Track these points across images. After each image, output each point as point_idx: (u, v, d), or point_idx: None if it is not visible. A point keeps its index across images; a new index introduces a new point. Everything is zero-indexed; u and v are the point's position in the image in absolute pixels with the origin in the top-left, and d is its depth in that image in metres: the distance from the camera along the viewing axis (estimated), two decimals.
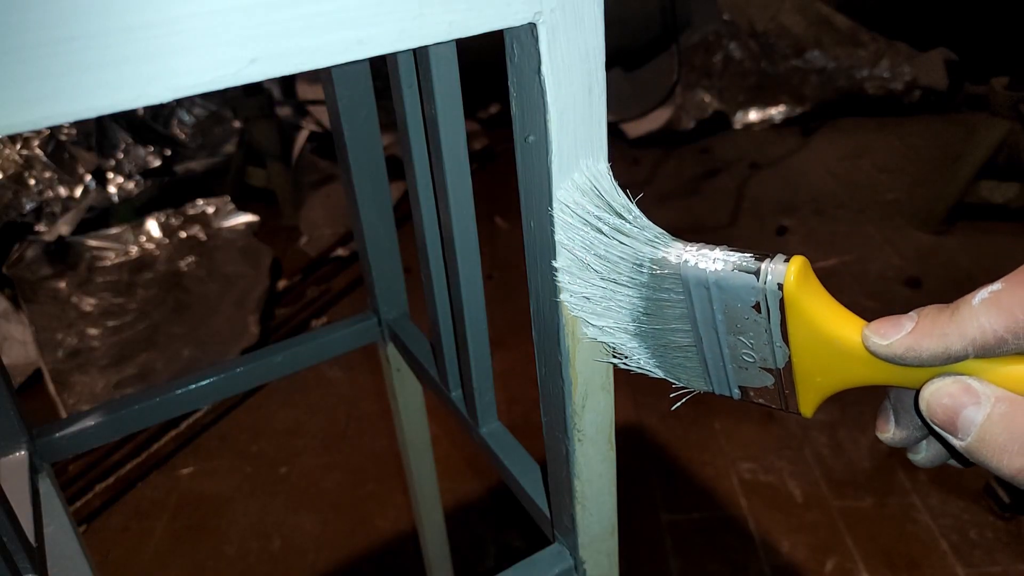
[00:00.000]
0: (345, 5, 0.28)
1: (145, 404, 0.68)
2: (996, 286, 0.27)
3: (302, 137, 2.75)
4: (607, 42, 0.34)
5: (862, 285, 1.92)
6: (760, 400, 0.36)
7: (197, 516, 1.46)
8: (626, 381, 1.68)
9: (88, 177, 2.49)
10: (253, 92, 2.49)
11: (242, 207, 2.44)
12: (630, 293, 0.36)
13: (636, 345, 0.38)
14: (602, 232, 0.35)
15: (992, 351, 0.27)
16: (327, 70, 0.64)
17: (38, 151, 2.44)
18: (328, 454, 1.58)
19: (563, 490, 0.48)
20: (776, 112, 2.88)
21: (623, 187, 0.36)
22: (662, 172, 2.66)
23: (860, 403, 1.53)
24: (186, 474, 1.56)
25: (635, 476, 1.43)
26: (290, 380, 1.76)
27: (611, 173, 0.36)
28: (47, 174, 2.44)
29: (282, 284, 2.16)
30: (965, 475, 1.35)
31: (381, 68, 0.54)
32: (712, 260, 0.33)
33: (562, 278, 0.38)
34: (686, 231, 2.23)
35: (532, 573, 0.51)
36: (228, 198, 2.46)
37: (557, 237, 0.37)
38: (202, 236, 2.36)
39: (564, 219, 0.36)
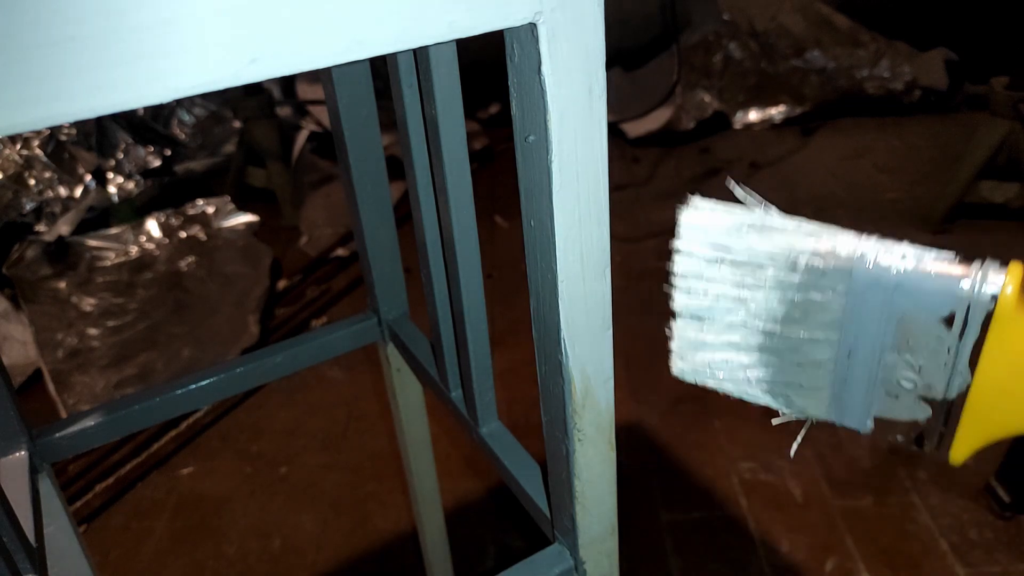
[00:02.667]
0: (345, 5, 0.28)
1: (145, 404, 0.68)
2: None
3: (302, 137, 2.75)
4: (607, 42, 0.34)
5: None
6: (897, 437, 0.31)
7: (197, 516, 1.46)
8: (626, 381, 1.68)
9: (88, 177, 2.49)
10: (253, 92, 2.49)
11: (242, 207, 2.44)
12: (769, 298, 0.31)
13: (752, 362, 0.32)
14: (747, 234, 0.31)
15: None
16: (327, 70, 0.64)
17: (38, 151, 2.44)
18: (328, 454, 1.58)
19: (563, 490, 0.48)
20: (776, 112, 2.88)
21: (623, 187, 0.36)
22: (662, 172, 2.66)
23: None
24: (186, 474, 1.56)
25: (635, 476, 1.43)
26: (290, 380, 1.76)
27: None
28: (47, 174, 2.44)
29: (282, 284, 2.16)
30: (965, 474, 1.35)
31: (381, 68, 0.54)
32: (900, 256, 0.28)
33: (679, 300, 0.33)
34: None
35: (532, 573, 0.51)
36: (228, 198, 2.46)
37: (677, 267, 0.33)
38: (202, 236, 2.36)
39: (694, 239, 0.32)
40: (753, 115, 2.90)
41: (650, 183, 2.57)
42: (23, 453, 0.62)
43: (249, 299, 2.04)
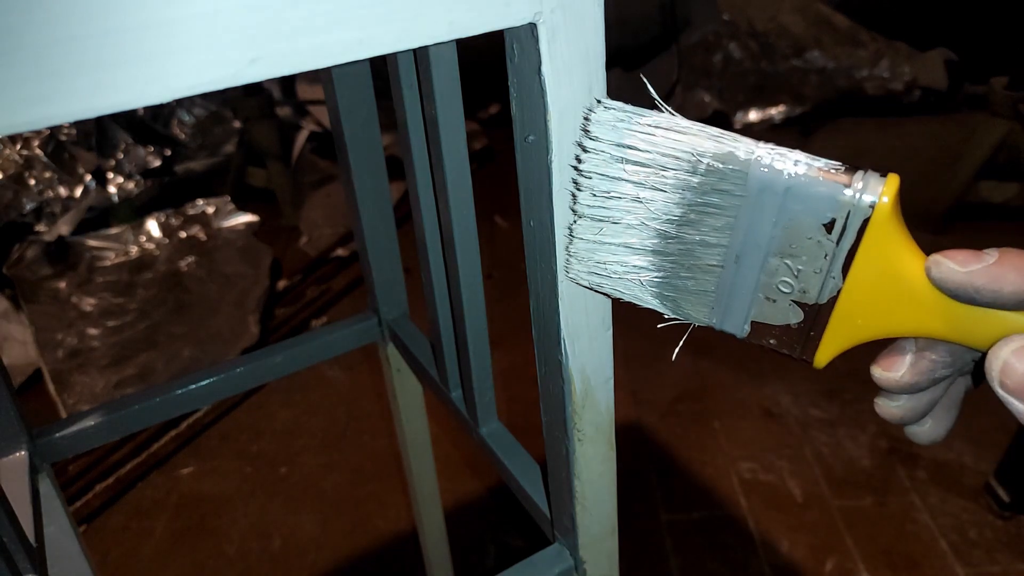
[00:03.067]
0: (345, 5, 0.28)
1: (145, 404, 0.68)
2: None
3: (302, 137, 2.75)
4: (607, 42, 0.34)
5: None
6: (770, 341, 0.32)
7: (197, 516, 1.46)
8: (626, 381, 1.68)
9: (88, 177, 2.49)
10: (253, 92, 2.49)
11: (242, 207, 2.44)
12: (668, 200, 0.31)
13: (644, 265, 0.33)
14: (653, 133, 0.31)
15: None
16: (327, 70, 0.64)
17: (38, 151, 2.44)
18: (328, 454, 1.58)
19: (563, 490, 0.48)
20: (776, 112, 2.88)
21: None
22: None
23: (860, 401, 1.53)
24: (186, 474, 1.56)
25: (635, 476, 1.43)
26: (290, 380, 1.76)
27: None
28: (47, 174, 2.44)
29: (282, 284, 2.16)
30: (964, 474, 1.35)
31: (381, 68, 0.54)
32: (793, 162, 0.29)
33: (582, 197, 0.33)
34: None
35: (532, 573, 0.51)
36: (228, 198, 2.46)
37: (582, 163, 0.33)
38: (202, 236, 2.36)
39: (602, 134, 0.32)
40: (753, 115, 2.90)
41: None
42: (23, 453, 0.62)
43: (249, 299, 2.04)
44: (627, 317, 0.40)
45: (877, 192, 0.28)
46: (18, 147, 2.43)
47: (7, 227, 2.32)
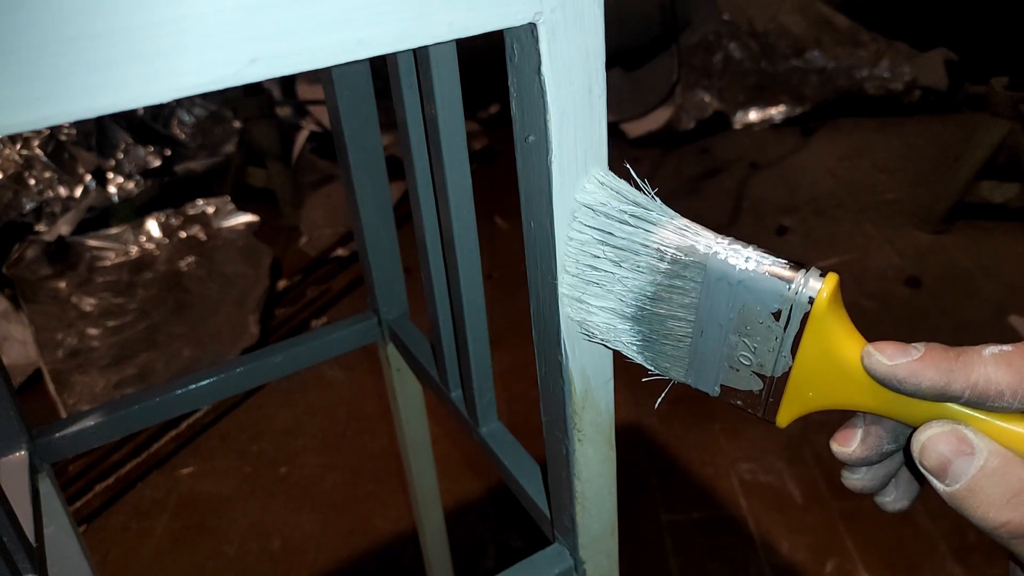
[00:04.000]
0: (345, 5, 0.28)
1: (145, 404, 0.68)
2: (1007, 347, 0.29)
3: (302, 137, 2.75)
4: (607, 42, 0.34)
5: (862, 285, 1.92)
6: (737, 402, 0.36)
7: (197, 516, 1.46)
8: (626, 382, 1.68)
9: (88, 177, 2.49)
10: (253, 92, 2.49)
11: (242, 207, 2.44)
12: (641, 279, 0.36)
13: (627, 328, 0.37)
14: (627, 223, 0.35)
15: (985, 402, 0.29)
16: (327, 70, 0.64)
17: (38, 151, 2.44)
18: (328, 454, 1.58)
19: (563, 490, 0.48)
20: (776, 112, 2.88)
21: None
22: (662, 172, 2.65)
23: None
24: (186, 474, 1.56)
25: (635, 476, 1.43)
26: (290, 380, 1.76)
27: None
28: (47, 174, 2.44)
29: (282, 284, 2.16)
30: None
31: (381, 68, 0.54)
32: (744, 258, 0.33)
33: (571, 266, 0.37)
34: None
35: (532, 573, 0.51)
36: (228, 198, 2.46)
37: (570, 234, 0.37)
38: (202, 236, 2.36)
39: (583, 218, 0.36)
40: (753, 115, 2.90)
41: (650, 183, 2.57)
42: (23, 453, 0.62)
43: (249, 299, 2.04)
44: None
45: (815, 290, 0.31)
46: (18, 147, 2.43)
47: (7, 227, 2.32)
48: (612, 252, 0.36)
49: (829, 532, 1.29)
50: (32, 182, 2.41)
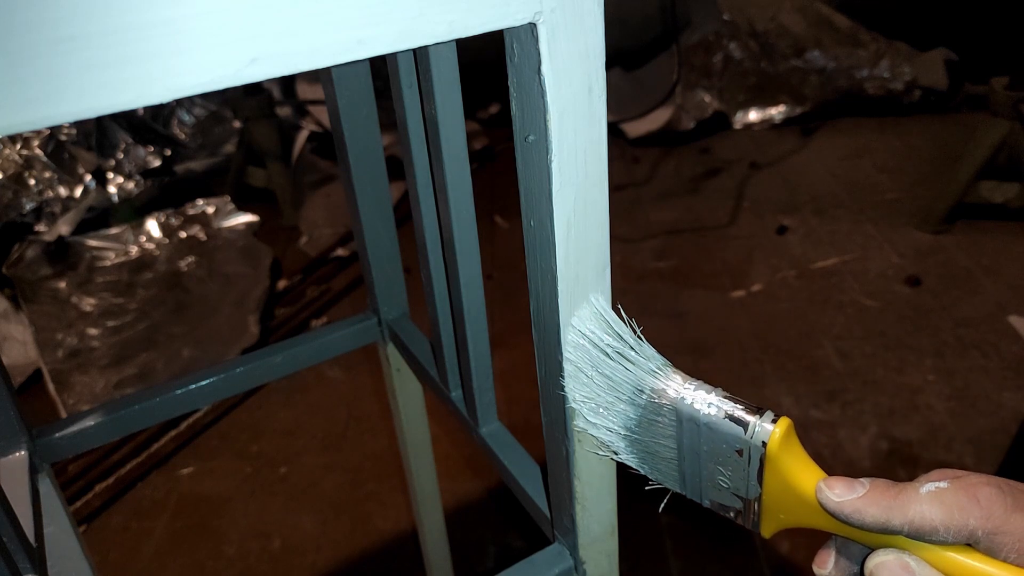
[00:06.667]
0: (345, 5, 0.28)
1: (145, 404, 0.68)
2: (943, 484, 0.32)
3: (302, 137, 2.75)
4: (607, 42, 0.34)
5: (862, 284, 1.92)
6: (728, 514, 0.40)
7: (197, 516, 1.46)
8: None
9: (88, 177, 2.49)
10: (253, 92, 2.49)
11: (242, 207, 2.44)
12: (627, 408, 0.40)
13: (624, 445, 0.42)
14: (610, 357, 0.39)
15: (924, 536, 0.32)
16: (327, 70, 0.64)
17: (38, 151, 2.44)
18: (328, 454, 1.58)
19: (563, 490, 0.48)
20: (776, 112, 2.88)
21: (623, 187, 0.37)
22: (662, 172, 2.66)
23: (860, 402, 1.53)
24: (186, 474, 1.56)
25: (635, 476, 1.43)
26: (290, 380, 1.76)
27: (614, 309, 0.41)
28: (47, 174, 2.44)
29: (282, 284, 2.16)
30: None
31: (381, 68, 0.54)
32: (707, 404, 0.37)
33: (568, 383, 0.42)
34: (686, 230, 2.23)
35: (532, 573, 0.51)
36: (228, 198, 2.46)
37: (566, 353, 0.41)
38: (202, 236, 2.36)
39: (577, 341, 0.40)
40: (753, 115, 2.90)
41: (650, 183, 2.57)
42: (23, 453, 0.62)
43: (249, 299, 2.04)
44: (628, 318, 0.41)
45: (768, 433, 0.35)
46: (18, 147, 2.43)
47: (7, 227, 2.32)
48: (600, 378, 0.40)
49: (829, 532, 1.29)
50: (32, 182, 2.41)
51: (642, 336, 0.40)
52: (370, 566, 1.33)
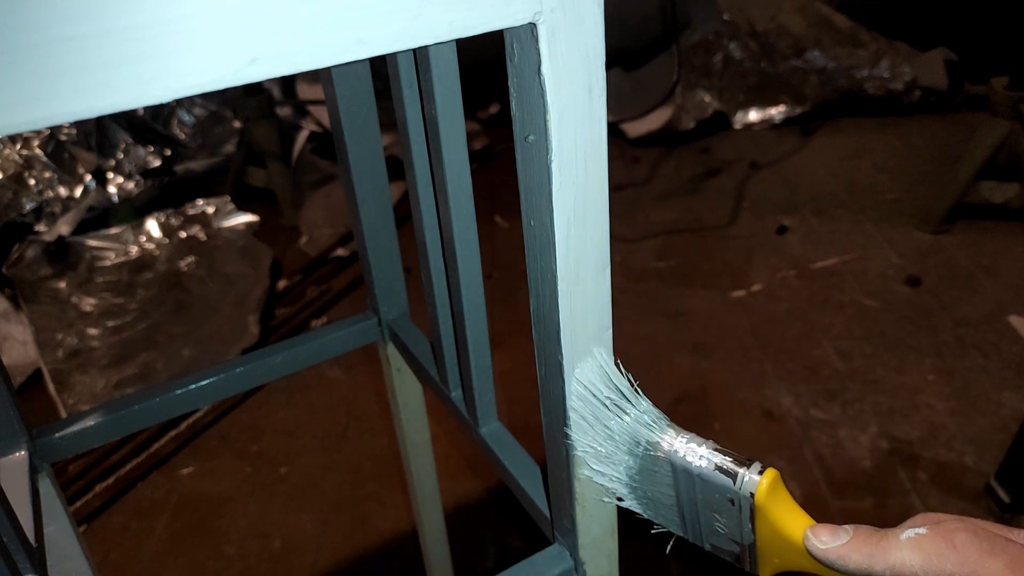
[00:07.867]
0: (345, 5, 0.28)
1: (145, 404, 0.68)
2: (921, 530, 0.34)
3: (302, 137, 2.75)
4: (607, 42, 0.34)
5: (862, 284, 1.92)
6: (728, 557, 0.42)
7: (197, 516, 1.46)
8: None
9: (88, 177, 2.49)
10: (253, 92, 2.49)
11: (242, 207, 2.44)
12: (626, 458, 0.42)
13: (627, 492, 0.44)
14: (608, 409, 0.41)
15: None
16: (327, 70, 0.64)
17: (38, 151, 2.44)
18: (328, 454, 1.58)
19: (563, 491, 0.48)
20: (776, 112, 2.88)
21: (623, 187, 0.37)
22: (662, 172, 2.66)
23: (860, 402, 1.53)
24: (186, 474, 1.56)
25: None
26: (290, 380, 1.76)
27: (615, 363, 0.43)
28: (47, 174, 2.44)
29: (282, 284, 2.16)
30: (965, 475, 1.35)
31: (381, 68, 0.54)
32: (699, 457, 0.39)
33: (574, 431, 0.43)
34: (686, 230, 2.23)
35: (532, 573, 0.51)
36: (228, 198, 2.46)
37: (570, 404, 0.42)
38: (202, 236, 2.36)
39: (580, 392, 0.42)
40: (753, 115, 2.90)
41: (650, 183, 2.57)
42: (23, 453, 0.62)
43: (249, 299, 2.04)
44: (628, 319, 0.42)
45: (755, 486, 0.38)
46: (18, 147, 2.43)
47: (7, 227, 2.32)
48: (601, 428, 0.42)
49: None
50: (32, 182, 2.41)
51: (639, 389, 0.42)
52: (370, 566, 1.33)
